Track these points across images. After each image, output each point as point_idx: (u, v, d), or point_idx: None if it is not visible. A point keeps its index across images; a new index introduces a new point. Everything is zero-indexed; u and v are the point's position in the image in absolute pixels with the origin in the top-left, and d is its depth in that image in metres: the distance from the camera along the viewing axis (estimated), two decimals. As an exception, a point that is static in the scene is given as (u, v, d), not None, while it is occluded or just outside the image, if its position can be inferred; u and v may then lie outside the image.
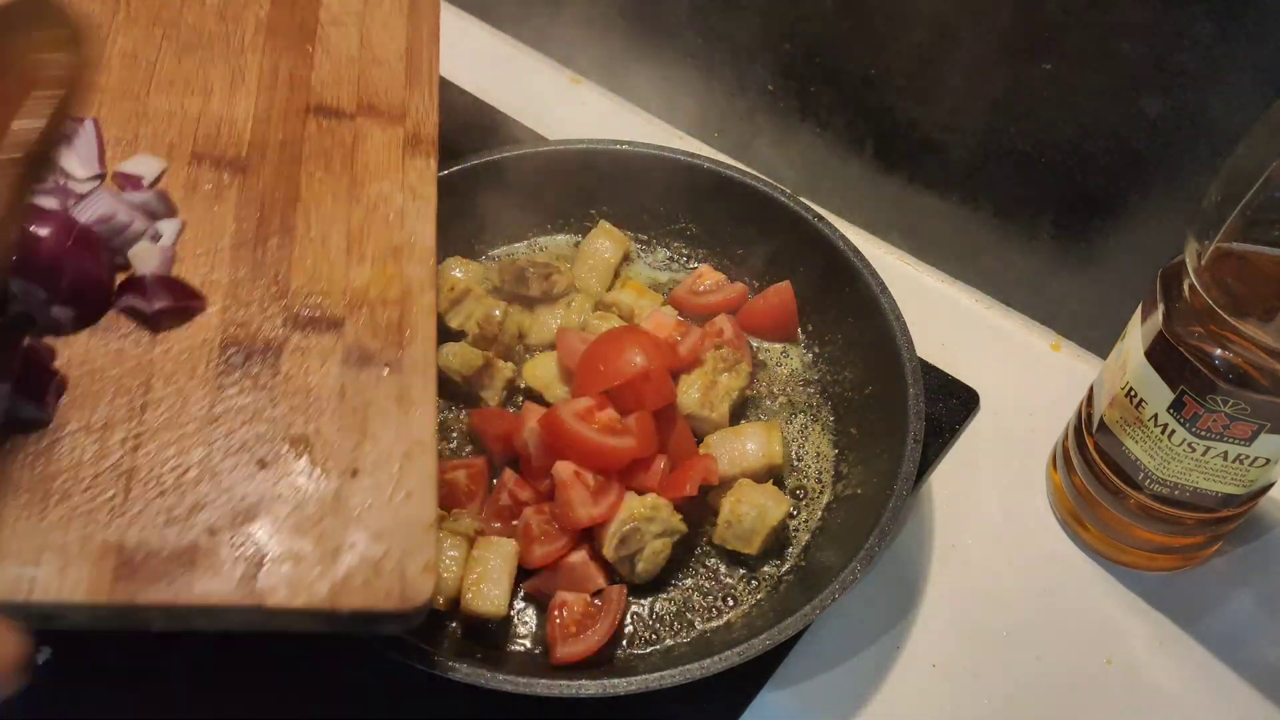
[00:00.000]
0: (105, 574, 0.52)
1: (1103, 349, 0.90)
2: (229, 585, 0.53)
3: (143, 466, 0.56)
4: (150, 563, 0.53)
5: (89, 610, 0.52)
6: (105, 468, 0.56)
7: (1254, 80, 0.68)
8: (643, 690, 0.64)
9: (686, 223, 0.92)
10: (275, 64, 0.76)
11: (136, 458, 0.57)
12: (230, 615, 0.53)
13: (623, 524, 0.72)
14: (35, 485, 0.55)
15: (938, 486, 0.84)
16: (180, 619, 0.53)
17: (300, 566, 0.54)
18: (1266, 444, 0.65)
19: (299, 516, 0.56)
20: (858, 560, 0.68)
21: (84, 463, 0.56)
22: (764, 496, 0.75)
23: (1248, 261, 0.60)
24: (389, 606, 0.53)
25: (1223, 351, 0.63)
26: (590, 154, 0.89)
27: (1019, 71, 0.79)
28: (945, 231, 0.94)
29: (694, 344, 0.81)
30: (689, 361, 0.81)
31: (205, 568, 0.53)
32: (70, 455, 0.56)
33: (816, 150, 0.97)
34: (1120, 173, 0.79)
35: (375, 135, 0.73)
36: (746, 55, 0.96)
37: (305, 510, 0.56)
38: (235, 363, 0.61)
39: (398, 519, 0.56)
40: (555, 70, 1.14)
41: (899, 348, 0.77)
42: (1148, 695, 0.74)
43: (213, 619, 0.54)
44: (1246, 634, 0.76)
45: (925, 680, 0.74)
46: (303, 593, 0.53)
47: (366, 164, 0.72)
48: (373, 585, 0.54)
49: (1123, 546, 0.78)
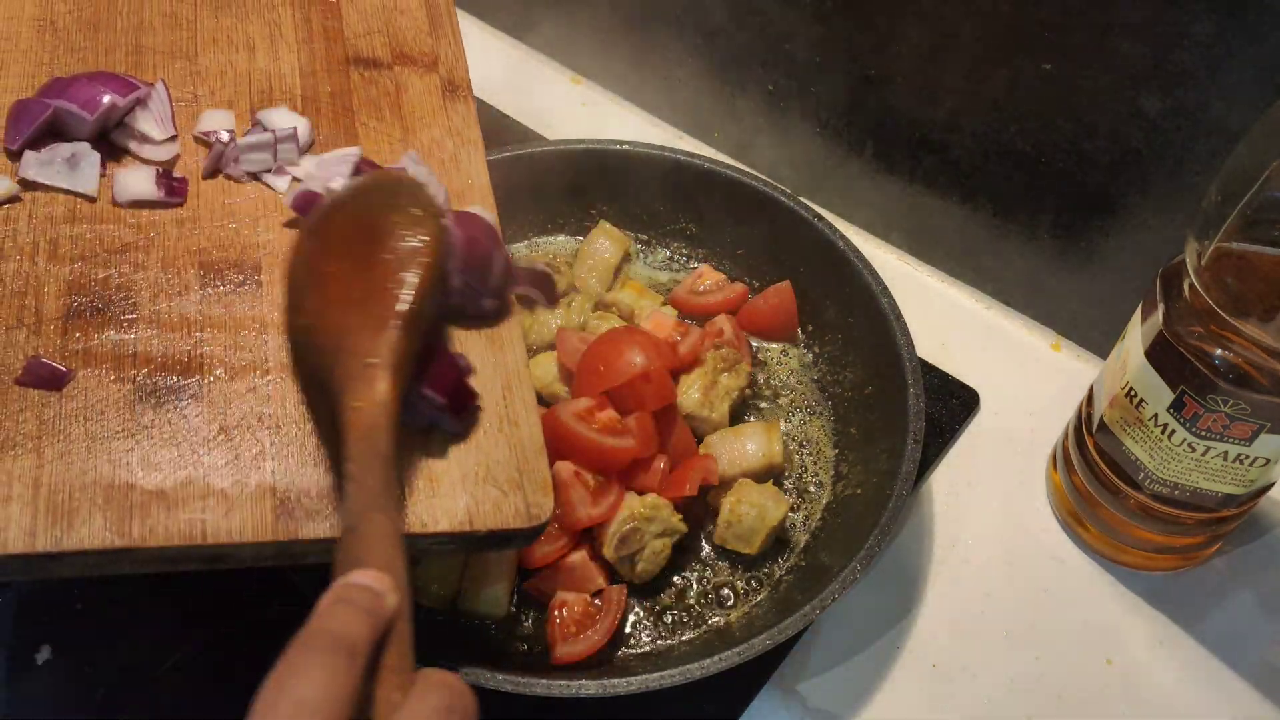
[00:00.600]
0: (266, 514, 0.55)
1: (1103, 349, 0.90)
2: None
3: (276, 412, 0.59)
4: (304, 501, 0.56)
5: (255, 549, 0.55)
6: (245, 416, 0.58)
7: (1254, 80, 0.68)
8: (643, 690, 0.64)
9: (686, 223, 0.92)
10: (307, 17, 0.76)
11: (268, 407, 0.59)
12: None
13: (623, 524, 0.72)
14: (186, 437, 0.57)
15: (938, 486, 0.84)
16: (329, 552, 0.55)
17: (436, 494, 0.57)
18: (1266, 444, 0.65)
19: (426, 449, 0.59)
20: (858, 560, 0.68)
21: (227, 413, 0.58)
22: (764, 496, 0.75)
23: (1248, 261, 0.60)
24: (518, 524, 0.57)
25: (1223, 351, 0.63)
26: (590, 154, 0.89)
27: (1019, 71, 0.79)
28: (945, 231, 0.94)
29: (694, 344, 0.81)
30: (689, 361, 0.81)
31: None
32: (210, 407, 0.58)
33: (816, 150, 0.97)
34: (1120, 173, 0.79)
35: (415, 83, 0.74)
36: (746, 55, 0.96)
37: (431, 442, 0.59)
38: None
39: (511, 445, 0.60)
40: (556, 70, 1.14)
41: (899, 348, 0.77)
42: (1148, 695, 0.74)
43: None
44: (1246, 634, 0.76)
45: (925, 680, 0.74)
46: (444, 518, 0.57)
47: (413, 111, 0.73)
48: (501, 506, 0.58)
49: (1123, 546, 0.78)
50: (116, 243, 0.64)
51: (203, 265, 0.64)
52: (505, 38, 1.17)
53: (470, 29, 1.18)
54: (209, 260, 0.64)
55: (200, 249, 0.65)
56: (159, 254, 0.64)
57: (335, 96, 0.73)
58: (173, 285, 0.63)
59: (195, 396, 0.58)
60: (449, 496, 0.58)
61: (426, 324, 0.58)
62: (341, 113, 0.72)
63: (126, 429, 0.57)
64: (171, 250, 0.64)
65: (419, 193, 0.61)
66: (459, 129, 0.73)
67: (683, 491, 0.74)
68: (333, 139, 0.71)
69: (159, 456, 0.56)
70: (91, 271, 0.62)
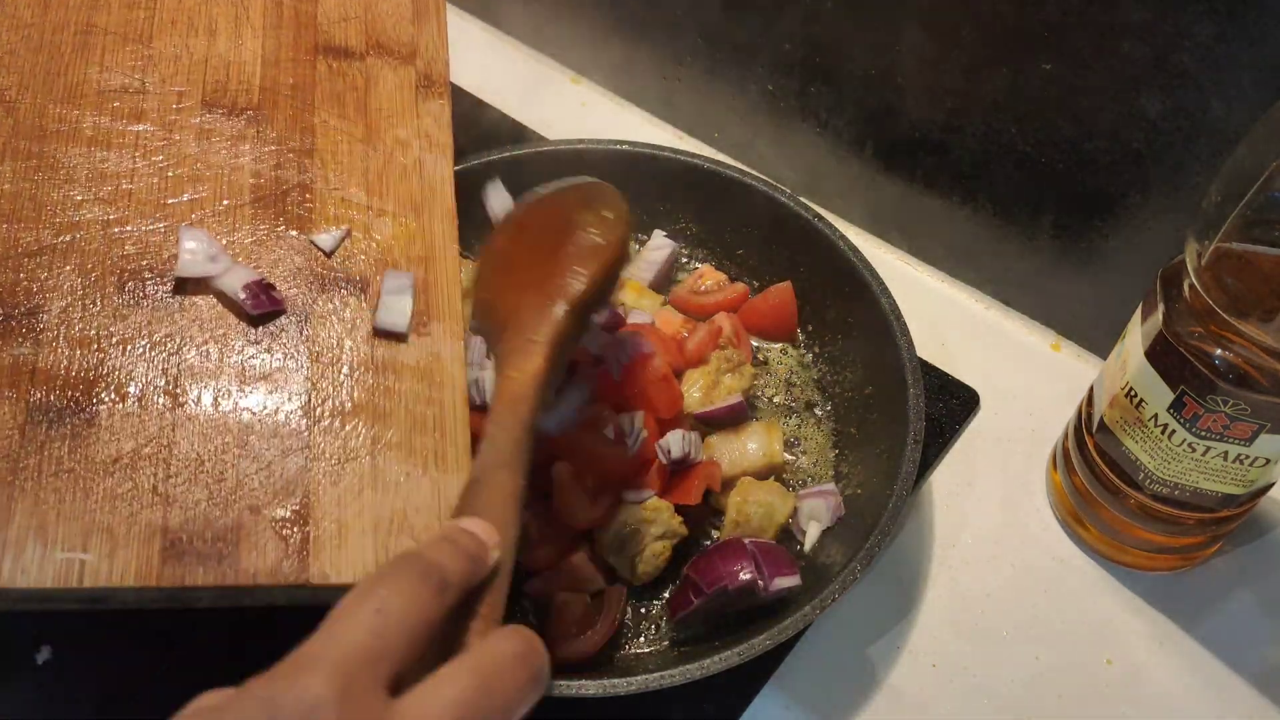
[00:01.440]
0: (153, 556, 0.51)
1: (1103, 349, 0.90)
2: (276, 563, 0.53)
3: (181, 443, 0.55)
4: (196, 543, 0.52)
5: (137, 592, 0.52)
6: (145, 445, 0.55)
7: (1254, 80, 0.68)
8: (643, 690, 0.64)
9: (686, 223, 0.92)
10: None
11: (175, 435, 0.55)
12: (279, 592, 0.53)
13: (623, 526, 0.72)
14: (77, 466, 0.53)
15: (938, 486, 0.84)
16: (229, 597, 0.53)
17: (344, 541, 0.54)
18: (1266, 444, 0.65)
19: (339, 490, 0.55)
20: (858, 560, 0.68)
21: (123, 441, 0.54)
22: (770, 494, 0.75)
23: (1248, 261, 0.60)
24: None
25: (1223, 351, 0.63)
26: (590, 154, 0.89)
27: (1019, 71, 0.79)
28: (945, 231, 0.94)
29: (702, 340, 0.81)
30: (695, 359, 0.81)
31: (251, 546, 0.53)
32: (110, 433, 0.54)
33: (816, 150, 0.97)
34: (1120, 173, 0.79)
35: (387, 77, 0.71)
36: (746, 55, 0.96)
37: (343, 484, 0.55)
38: (264, 327, 0.60)
39: (435, 489, 0.57)
40: (555, 70, 1.14)
41: (899, 348, 0.77)
42: (1148, 695, 0.74)
43: (260, 596, 0.53)
44: (1246, 634, 0.76)
45: (925, 680, 0.74)
46: (348, 569, 0.53)
47: (380, 108, 0.69)
48: None
49: (1123, 546, 0.78)
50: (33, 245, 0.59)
51: (125, 274, 0.59)
52: (505, 37, 1.17)
53: (470, 29, 1.18)
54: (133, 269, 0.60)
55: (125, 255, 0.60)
56: (78, 259, 0.59)
57: (297, 90, 0.68)
58: (89, 295, 0.58)
59: (92, 422, 0.54)
60: (358, 544, 0.54)
61: (592, 315, 0.63)
62: (301, 109, 0.68)
63: (12, 453, 0.52)
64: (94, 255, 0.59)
65: (614, 199, 0.67)
66: (429, 131, 0.70)
67: (687, 499, 0.74)
68: (287, 137, 0.67)
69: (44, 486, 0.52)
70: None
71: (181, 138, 0.66)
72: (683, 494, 0.74)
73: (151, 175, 0.64)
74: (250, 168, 0.65)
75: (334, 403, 0.58)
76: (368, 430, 0.58)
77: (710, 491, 0.76)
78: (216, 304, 0.60)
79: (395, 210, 0.66)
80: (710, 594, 0.69)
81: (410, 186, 0.67)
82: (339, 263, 0.63)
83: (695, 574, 0.71)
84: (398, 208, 0.66)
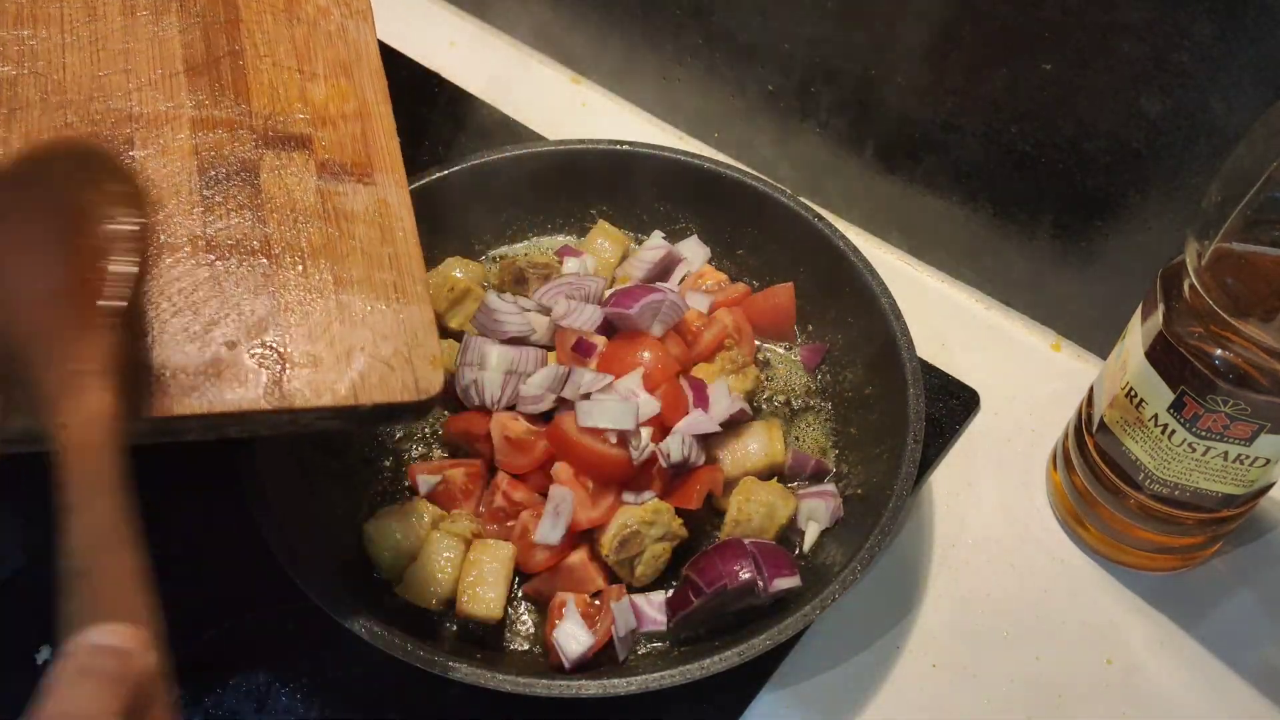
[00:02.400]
0: (140, 391, 0.54)
1: (1103, 349, 0.90)
2: (257, 392, 0.56)
3: (152, 289, 0.58)
4: (179, 378, 0.55)
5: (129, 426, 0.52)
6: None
7: (1254, 80, 0.68)
8: (643, 690, 0.64)
9: (686, 223, 0.92)
10: None
11: (145, 282, 0.58)
12: (260, 420, 0.56)
13: (623, 527, 0.72)
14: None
15: (938, 486, 0.84)
16: (214, 428, 0.56)
17: (319, 369, 0.57)
18: (1266, 444, 0.65)
19: (309, 325, 0.59)
20: (858, 560, 0.68)
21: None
22: (772, 494, 0.75)
23: (1248, 261, 0.60)
24: (405, 398, 0.58)
25: (1223, 351, 0.63)
26: (590, 154, 0.89)
27: (1019, 71, 0.79)
28: (945, 231, 0.94)
29: (718, 334, 0.81)
30: (707, 354, 0.80)
31: (231, 378, 0.56)
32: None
33: (816, 150, 0.97)
34: (1120, 173, 0.79)
35: None
36: (746, 55, 0.96)
37: (313, 319, 0.59)
38: (216, 185, 0.63)
39: (399, 320, 0.61)
40: (555, 70, 1.14)
41: (899, 348, 0.77)
42: (1148, 695, 0.74)
43: (244, 425, 0.57)
44: (1246, 634, 0.76)
45: (925, 680, 0.74)
46: (326, 392, 0.57)
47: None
48: (388, 380, 0.58)
49: (1123, 546, 0.78)
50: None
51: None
52: (505, 37, 1.17)
53: (470, 28, 1.18)
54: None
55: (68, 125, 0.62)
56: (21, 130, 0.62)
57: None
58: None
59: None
60: (332, 370, 0.58)
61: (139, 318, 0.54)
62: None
63: None
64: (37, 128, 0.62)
65: (114, 163, 0.54)
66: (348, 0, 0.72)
67: (688, 503, 0.74)
68: (210, 10, 0.69)
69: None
70: None
71: (106, 13, 0.68)
72: (683, 498, 0.74)
73: (80, 50, 0.66)
74: (179, 39, 0.68)
75: (294, 247, 0.62)
76: (329, 269, 0.61)
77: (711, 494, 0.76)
78: (166, 165, 0.63)
79: (325, 73, 0.69)
80: (710, 594, 0.69)
81: (337, 50, 0.70)
82: (280, 121, 0.66)
83: (695, 574, 0.71)
84: (328, 70, 0.69)
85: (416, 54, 1.10)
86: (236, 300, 0.59)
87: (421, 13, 1.19)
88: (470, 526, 0.74)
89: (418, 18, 1.19)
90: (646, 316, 0.78)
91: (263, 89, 0.67)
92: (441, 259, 0.88)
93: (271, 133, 0.65)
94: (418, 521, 0.73)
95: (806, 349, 0.86)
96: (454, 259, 0.88)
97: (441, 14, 1.20)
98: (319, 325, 0.59)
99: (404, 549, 0.72)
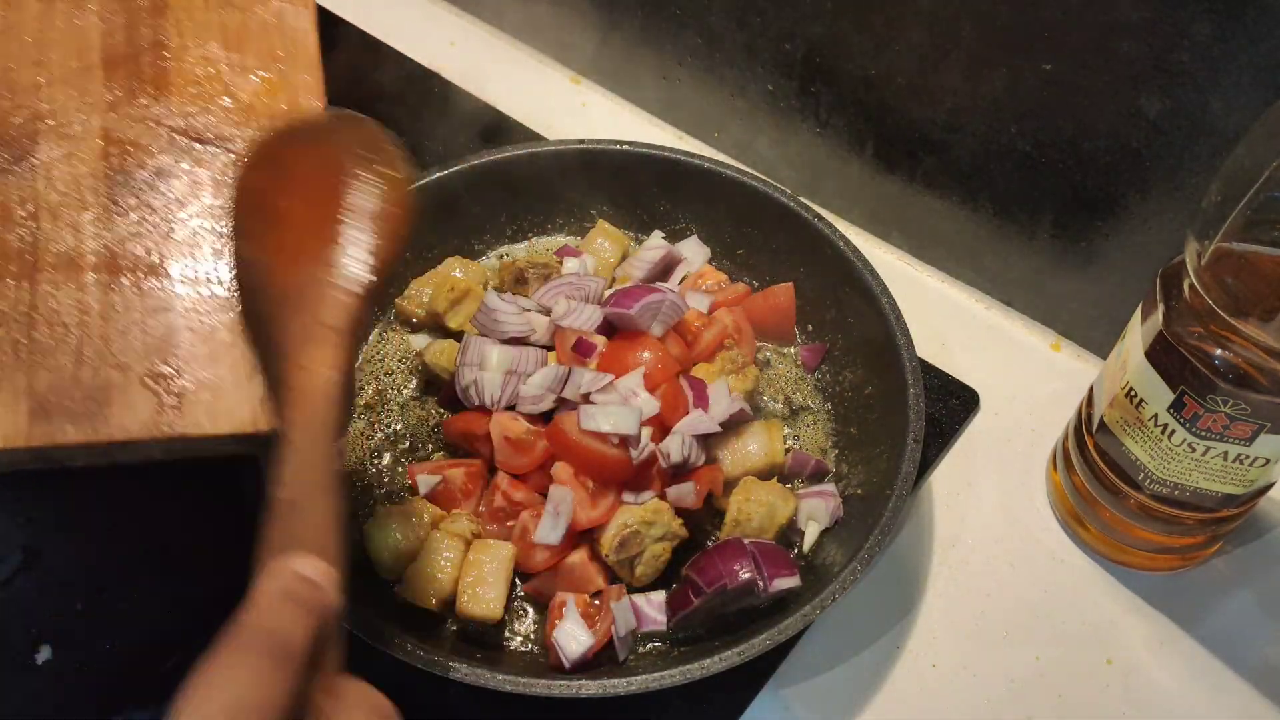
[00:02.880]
0: (21, 417, 0.51)
1: (1103, 349, 0.90)
2: (149, 417, 0.52)
3: (42, 307, 0.54)
4: (65, 403, 0.52)
5: (7, 454, 0.51)
6: (9, 311, 0.54)
7: (1254, 80, 0.68)
8: (643, 690, 0.64)
9: (686, 223, 0.92)
10: None
11: (35, 298, 0.54)
12: (152, 447, 0.53)
13: (623, 527, 0.72)
14: None
15: (938, 486, 0.84)
16: (102, 454, 0.53)
17: (219, 394, 0.54)
18: (1266, 444, 0.65)
19: (211, 346, 0.55)
20: (858, 560, 0.68)
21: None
22: (772, 494, 0.75)
23: (1248, 261, 0.60)
24: None
25: (1223, 351, 0.63)
26: (590, 154, 0.89)
27: (1019, 71, 0.79)
28: (945, 231, 0.94)
29: (719, 334, 0.81)
30: (708, 354, 0.81)
31: (121, 404, 0.52)
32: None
33: (816, 150, 0.97)
34: (1120, 173, 0.79)
35: None
36: (746, 55, 0.96)
37: (217, 339, 0.55)
38: (124, 191, 0.59)
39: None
40: (555, 70, 1.14)
41: (899, 348, 0.77)
42: (1148, 695, 0.74)
43: (134, 452, 0.53)
44: (1246, 634, 0.76)
45: (925, 680, 0.74)
46: (224, 419, 0.53)
47: None
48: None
49: (1123, 546, 0.78)
50: None
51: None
52: (505, 37, 1.17)
53: (470, 28, 1.18)
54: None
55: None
56: None
57: None
58: None
59: None
60: (232, 399, 0.54)
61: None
62: None
63: None
64: None
65: (390, 150, 0.56)
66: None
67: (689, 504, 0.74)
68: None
69: None
70: None
71: (22, 1, 0.64)
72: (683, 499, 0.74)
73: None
74: (99, 28, 0.63)
75: (198, 262, 0.57)
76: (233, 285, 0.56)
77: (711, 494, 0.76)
78: (71, 171, 0.59)
79: (257, 65, 0.64)
80: (710, 594, 0.69)
81: (271, 41, 0.65)
82: (201, 120, 0.62)
83: (695, 574, 0.71)
84: (259, 62, 0.64)
85: (416, 54, 1.10)
86: (137, 319, 0.55)
87: (421, 12, 1.19)
88: (470, 526, 0.74)
89: (418, 17, 1.19)
90: (646, 316, 0.78)
91: (185, 84, 0.62)
92: (441, 259, 0.88)
93: (191, 132, 0.61)
94: (418, 521, 0.73)
95: (806, 349, 0.86)
96: (454, 259, 0.88)
97: (441, 14, 1.20)
98: (223, 346, 0.55)
99: (404, 549, 0.72)
